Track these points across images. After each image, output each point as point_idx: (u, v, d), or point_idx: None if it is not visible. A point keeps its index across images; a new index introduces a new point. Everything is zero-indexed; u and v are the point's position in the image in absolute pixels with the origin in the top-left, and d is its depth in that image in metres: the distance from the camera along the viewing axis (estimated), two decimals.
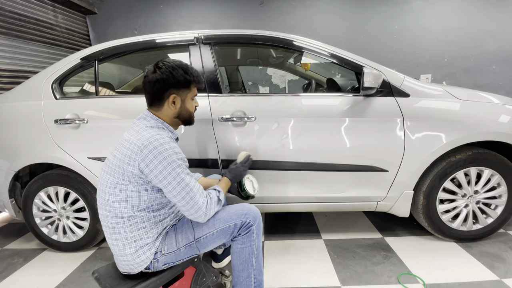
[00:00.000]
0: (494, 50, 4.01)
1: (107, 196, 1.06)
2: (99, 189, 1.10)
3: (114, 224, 1.06)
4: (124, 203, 1.04)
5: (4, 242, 2.17)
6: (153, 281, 1.10)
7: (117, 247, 1.08)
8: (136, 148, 0.99)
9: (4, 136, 1.81)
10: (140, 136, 1.01)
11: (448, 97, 1.65)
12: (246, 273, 1.17)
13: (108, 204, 1.06)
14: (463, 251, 1.73)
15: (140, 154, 0.98)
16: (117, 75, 2.52)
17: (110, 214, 1.06)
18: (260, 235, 1.17)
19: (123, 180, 1.02)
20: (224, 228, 1.12)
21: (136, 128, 1.07)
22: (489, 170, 1.66)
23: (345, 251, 1.79)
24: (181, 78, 1.10)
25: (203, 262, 1.31)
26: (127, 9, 4.29)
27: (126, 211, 1.04)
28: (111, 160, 1.06)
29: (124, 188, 1.03)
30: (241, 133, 1.66)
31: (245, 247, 1.15)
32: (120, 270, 1.14)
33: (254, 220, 1.14)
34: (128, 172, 1.01)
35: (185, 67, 1.12)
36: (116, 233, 1.07)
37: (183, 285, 1.27)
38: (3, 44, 2.97)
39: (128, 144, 1.02)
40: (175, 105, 1.13)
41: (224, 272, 1.46)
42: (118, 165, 1.02)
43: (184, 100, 1.15)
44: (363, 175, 1.67)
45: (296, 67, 2.48)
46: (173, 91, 1.11)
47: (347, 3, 4.09)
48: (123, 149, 1.02)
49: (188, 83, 1.13)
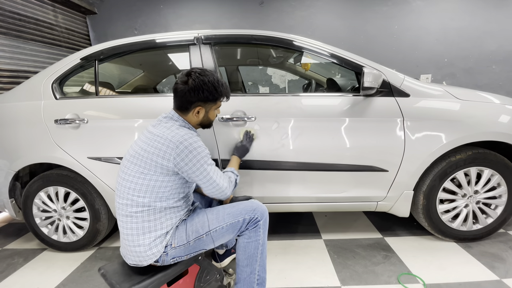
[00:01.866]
0: (494, 50, 4.01)
1: (130, 184, 1.12)
2: (121, 177, 1.16)
3: (133, 213, 1.12)
4: (148, 193, 1.11)
5: (4, 242, 2.17)
6: (158, 278, 1.12)
7: (131, 237, 1.12)
8: (172, 144, 1.09)
9: (4, 136, 1.81)
10: (174, 133, 1.11)
11: (448, 97, 1.64)
12: (250, 269, 1.21)
13: (130, 193, 1.12)
14: (463, 251, 1.73)
15: (175, 150, 1.08)
16: (117, 75, 2.52)
17: (131, 203, 1.12)
18: (266, 231, 1.23)
19: (150, 170, 1.10)
20: (233, 222, 1.18)
21: (167, 125, 1.16)
22: (489, 170, 1.66)
23: (345, 251, 1.79)
24: (210, 95, 1.18)
25: (207, 260, 1.32)
26: (127, 9, 4.29)
27: (148, 201, 1.11)
28: (138, 152, 1.13)
29: (149, 177, 1.10)
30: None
31: (251, 242, 1.20)
32: (128, 262, 1.17)
33: (261, 216, 1.20)
34: (161, 164, 1.09)
35: (216, 84, 1.19)
36: (133, 222, 1.12)
37: (187, 283, 1.28)
38: (3, 44, 2.97)
39: (162, 139, 1.10)
40: (198, 115, 1.23)
41: (228, 270, 1.47)
42: (149, 157, 1.10)
43: (208, 111, 1.25)
44: (363, 175, 1.67)
45: (296, 67, 2.48)
46: (200, 104, 1.20)
47: (347, 3, 4.09)
48: (156, 143, 1.10)
49: (216, 100, 1.22)
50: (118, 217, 1.18)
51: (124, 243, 1.16)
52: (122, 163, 1.18)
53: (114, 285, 1.09)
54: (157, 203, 1.12)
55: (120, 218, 1.16)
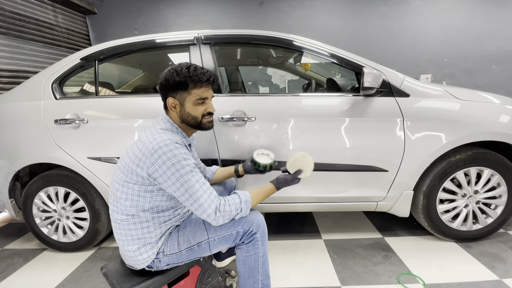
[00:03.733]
0: (494, 50, 4.01)
1: (117, 192, 1.08)
2: (111, 184, 1.13)
3: (119, 220, 1.09)
4: (130, 201, 1.06)
5: (4, 242, 2.17)
6: (158, 279, 1.12)
7: (121, 242, 1.11)
8: (147, 152, 0.99)
9: (4, 136, 1.81)
10: (153, 139, 1.01)
11: (448, 97, 1.64)
12: (252, 280, 1.15)
13: (116, 200, 1.09)
14: (463, 251, 1.73)
15: (150, 158, 0.98)
16: (117, 75, 2.52)
17: (116, 210, 1.09)
18: (265, 242, 1.14)
19: (131, 179, 1.04)
20: (226, 235, 1.10)
21: (152, 129, 1.08)
22: (489, 170, 1.66)
23: (345, 251, 1.79)
24: (171, 80, 1.07)
25: (208, 262, 1.31)
26: (127, 9, 4.29)
27: (131, 210, 1.06)
28: (124, 158, 1.08)
29: (131, 186, 1.04)
30: (241, 133, 1.66)
31: (250, 256, 1.12)
32: (126, 263, 1.17)
33: (257, 227, 1.10)
34: (136, 172, 1.02)
35: (179, 68, 1.07)
36: (121, 228, 1.10)
37: (188, 284, 1.27)
38: (3, 44, 2.97)
39: (140, 145, 1.03)
40: (176, 109, 1.12)
41: (230, 272, 1.46)
42: (128, 164, 1.04)
43: (184, 104, 1.10)
44: (363, 175, 1.67)
45: (296, 67, 2.48)
46: (170, 94, 1.10)
47: (347, 3, 4.09)
48: (136, 150, 1.03)
49: (182, 85, 1.07)
50: (111, 221, 1.15)
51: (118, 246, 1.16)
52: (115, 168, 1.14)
53: (115, 285, 1.09)
54: (141, 213, 1.06)
55: (112, 223, 1.14)
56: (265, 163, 1.36)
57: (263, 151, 1.42)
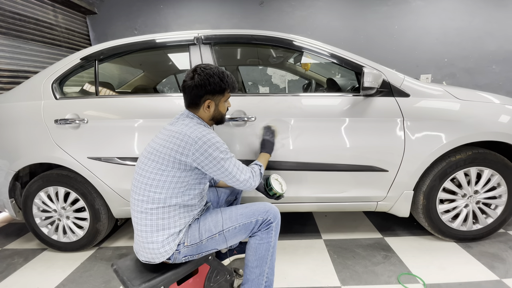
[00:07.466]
0: (494, 50, 4.01)
1: (147, 180, 1.13)
2: (138, 174, 1.17)
3: (149, 209, 1.12)
4: (165, 189, 1.12)
5: (4, 242, 2.17)
6: (168, 276, 1.14)
7: (145, 234, 1.13)
8: (191, 140, 1.10)
9: (4, 136, 1.81)
10: (193, 130, 1.13)
11: (448, 97, 1.64)
12: (259, 270, 1.22)
13: (147, 189, 1.12)
14: (463, 251, 1.73)
15: (194, 145, 1.10)
16: (117, 75, 2.52)
17: (147, 200, 1.12)
18: (277, 234, 1.24)
19: (168, 166, 1.11)
20: (246, 223, 1.19)
21: (185, 122, 1.18)
22: (489, 170, 1.66)
23: (345, 251, 1.79)
24: (216, 86, 1.19)
25: (217, 260, 1.32)
26: (127, 9, 4.29)
27: (164, 197, 1.12)
28: (156, 148, 1.14)
29: (167, 174, 1.11)
30: (241, 133, 1.66)
31: (262, 243, 1.20)
32: (141, 259, 1.17)
33: (274, 218, 1.22)
34: (179, 160, 1.10)
35: (221, 75, 1.21)
36: (148, 219, 1.13)
37: (197, 282, 1.29)
38: (3, 44, 2.97)
39: (181, 135, 1.12)
40: (209, 109, 1.24)
41: (238, 271, 1.47)
42: (167, 153, 1.11)
43: (218, 104, 1.26)
44: (363, 175, 1.67)
45: (296, 67, 2.48)
46: (208, 97, 1.21)
47: (347, 3, 4.09)
48: (175, 140, 1.11)
49: (223, 91, 1.23)
50: (133, 213, 1.18)
51: (137, 240, 1.17)
52: (139, 160, 1.20)
53: (125, 282, 1.10)
54: (173, 199, 1.13)
55: (135, 214, 1.16)
56: (278, 191, 1.42)
57: (279, 178, 1.48)
